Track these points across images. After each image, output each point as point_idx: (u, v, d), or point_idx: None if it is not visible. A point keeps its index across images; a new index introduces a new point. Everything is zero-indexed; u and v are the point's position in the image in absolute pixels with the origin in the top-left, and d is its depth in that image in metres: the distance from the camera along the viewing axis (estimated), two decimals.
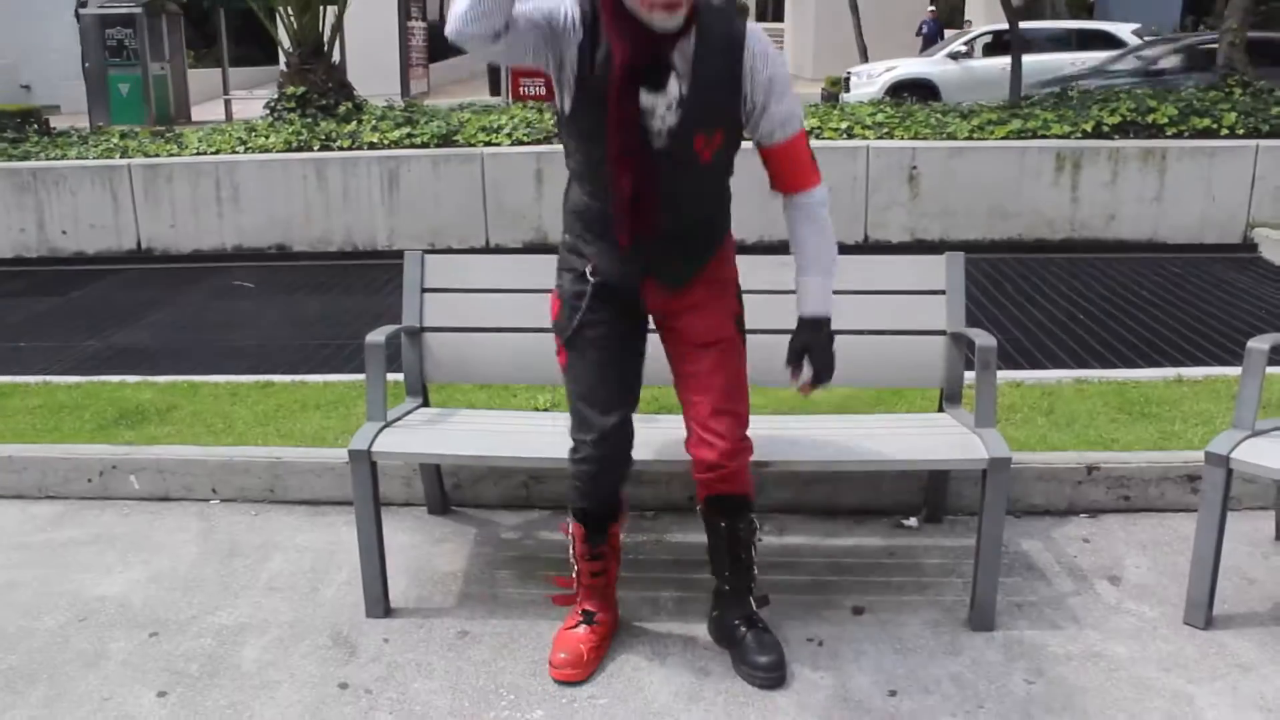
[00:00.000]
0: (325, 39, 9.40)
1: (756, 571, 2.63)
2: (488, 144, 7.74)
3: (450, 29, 2.09)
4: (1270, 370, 3.84)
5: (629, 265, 2.41)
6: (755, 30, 2.30)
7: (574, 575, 2.66)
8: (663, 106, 2.22)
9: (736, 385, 2.49)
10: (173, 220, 7.78)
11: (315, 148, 7.86)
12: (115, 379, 4.59)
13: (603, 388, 2.46)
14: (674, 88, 2.22)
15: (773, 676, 2.50)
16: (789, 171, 2.39)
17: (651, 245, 2.37)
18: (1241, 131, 7.56)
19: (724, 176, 2.46)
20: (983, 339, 2.84)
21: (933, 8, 23.11)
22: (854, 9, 20.21)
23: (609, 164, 2.27)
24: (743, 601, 2.61)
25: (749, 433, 2.50)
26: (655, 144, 2.25)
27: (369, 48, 19.52)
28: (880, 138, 7.64)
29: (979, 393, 2.81)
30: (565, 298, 2.49)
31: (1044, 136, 7.60)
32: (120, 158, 7.88)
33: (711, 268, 2.48)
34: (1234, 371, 4.29)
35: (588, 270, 2.44)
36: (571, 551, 2.63)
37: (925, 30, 21.89)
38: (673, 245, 2.41)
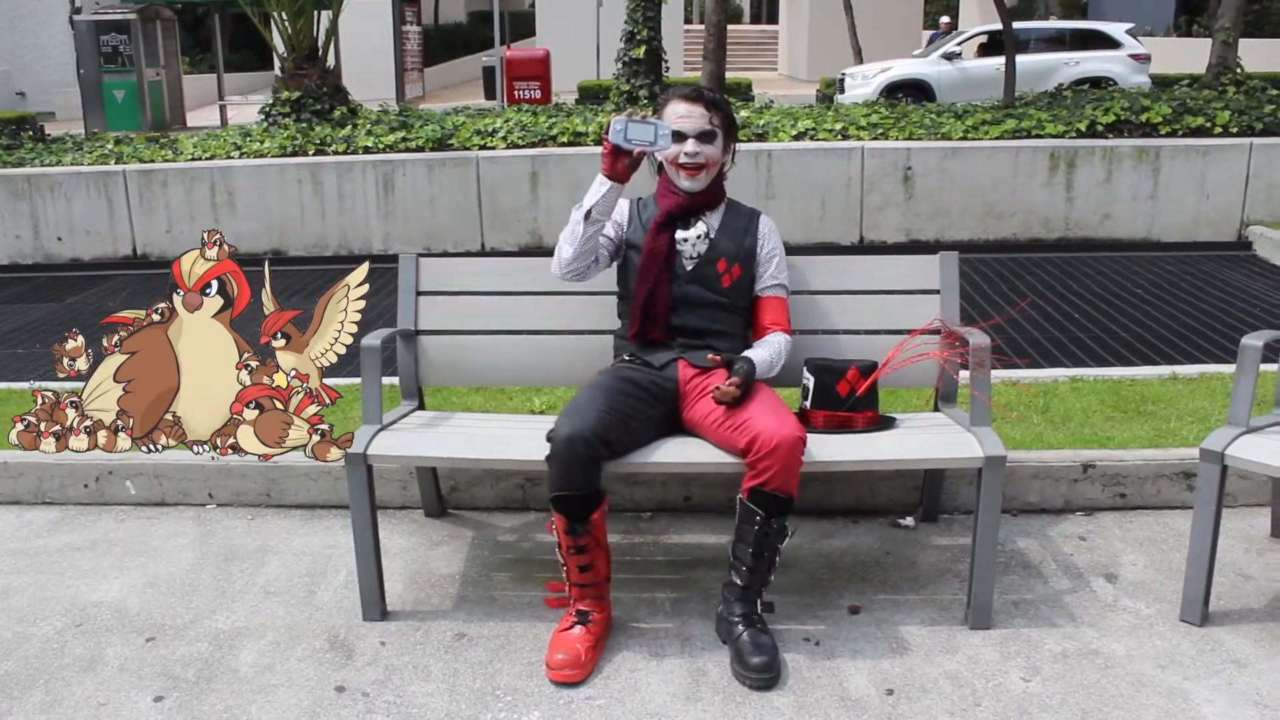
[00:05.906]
0: (320, 44, 9.41)
1: (773, 578, 2.66)
2: (483, 147, 7.75)
3: (555, 273, 2.86)
4: (1264, 367, 3.85)
5: (662, 350, 2.86)
6: (766, 216, 3.00)
7: (564, 575, 2.66)
8: (694, 238, 2.87)
9: (779, 404, 2.68)
10: (168, 226, 7.78)
11: (310, 152, 7.86)
12: None
13: (600, 398, 2.65)
14: (701, 228, 2.88)
15: (764, 678, 2.50)
16: (770, 316, 2.92)
17: (672, 336, 2.86)
18: (1235, 130, 7.59)
19: (739, 313, 2.92)
20: (977, 338, 2.85)
21: (947, 19, 23.13)
22: (848, 10, 20.27)
23: (636, 282, 2.85)
24: (749, 600, 2.63)
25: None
26: (686, 268, 2.86)
27: (364, 52, 19.55)
28: (875, 139, 7.65)
29: (974, 391, 2.81)
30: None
31: (1038, 136, 7.62)
32: (115, 164, 7.88)
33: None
34: (1228, 369, 4.30)
35: (626, 355, 2.91)
36: (559, 549, 2.63)
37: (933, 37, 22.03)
38: (693, 338, 2.85)
